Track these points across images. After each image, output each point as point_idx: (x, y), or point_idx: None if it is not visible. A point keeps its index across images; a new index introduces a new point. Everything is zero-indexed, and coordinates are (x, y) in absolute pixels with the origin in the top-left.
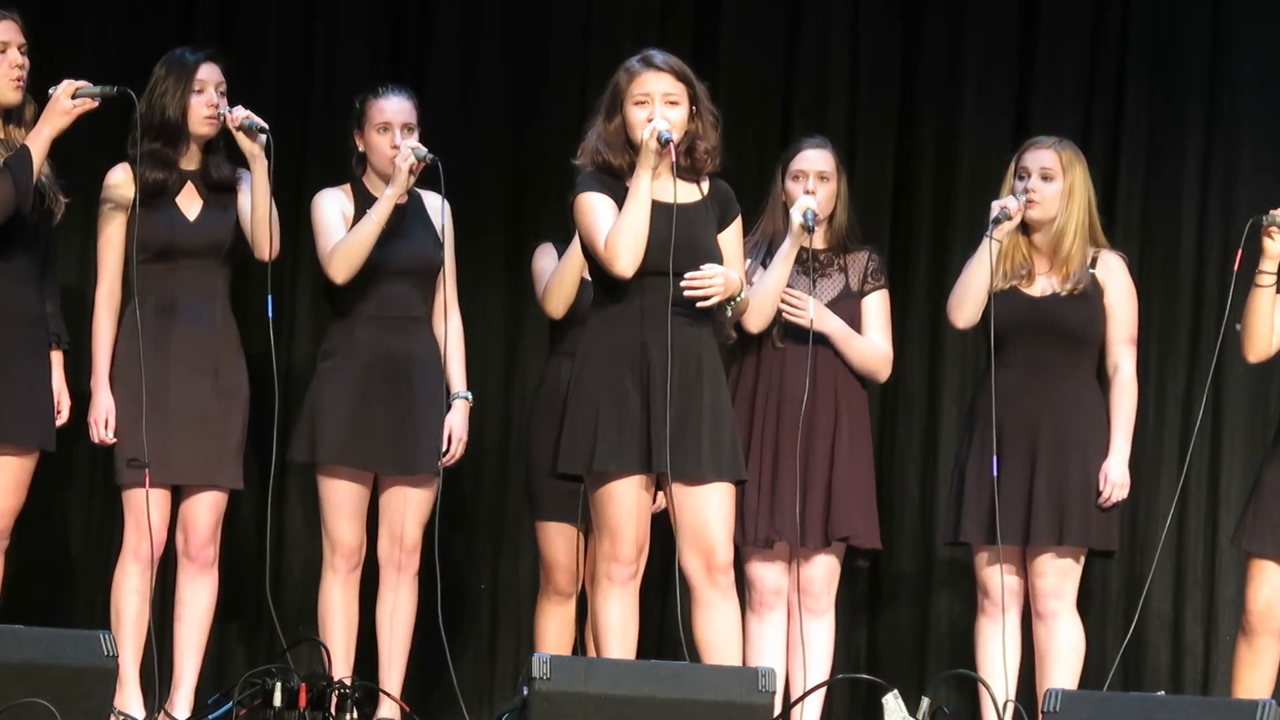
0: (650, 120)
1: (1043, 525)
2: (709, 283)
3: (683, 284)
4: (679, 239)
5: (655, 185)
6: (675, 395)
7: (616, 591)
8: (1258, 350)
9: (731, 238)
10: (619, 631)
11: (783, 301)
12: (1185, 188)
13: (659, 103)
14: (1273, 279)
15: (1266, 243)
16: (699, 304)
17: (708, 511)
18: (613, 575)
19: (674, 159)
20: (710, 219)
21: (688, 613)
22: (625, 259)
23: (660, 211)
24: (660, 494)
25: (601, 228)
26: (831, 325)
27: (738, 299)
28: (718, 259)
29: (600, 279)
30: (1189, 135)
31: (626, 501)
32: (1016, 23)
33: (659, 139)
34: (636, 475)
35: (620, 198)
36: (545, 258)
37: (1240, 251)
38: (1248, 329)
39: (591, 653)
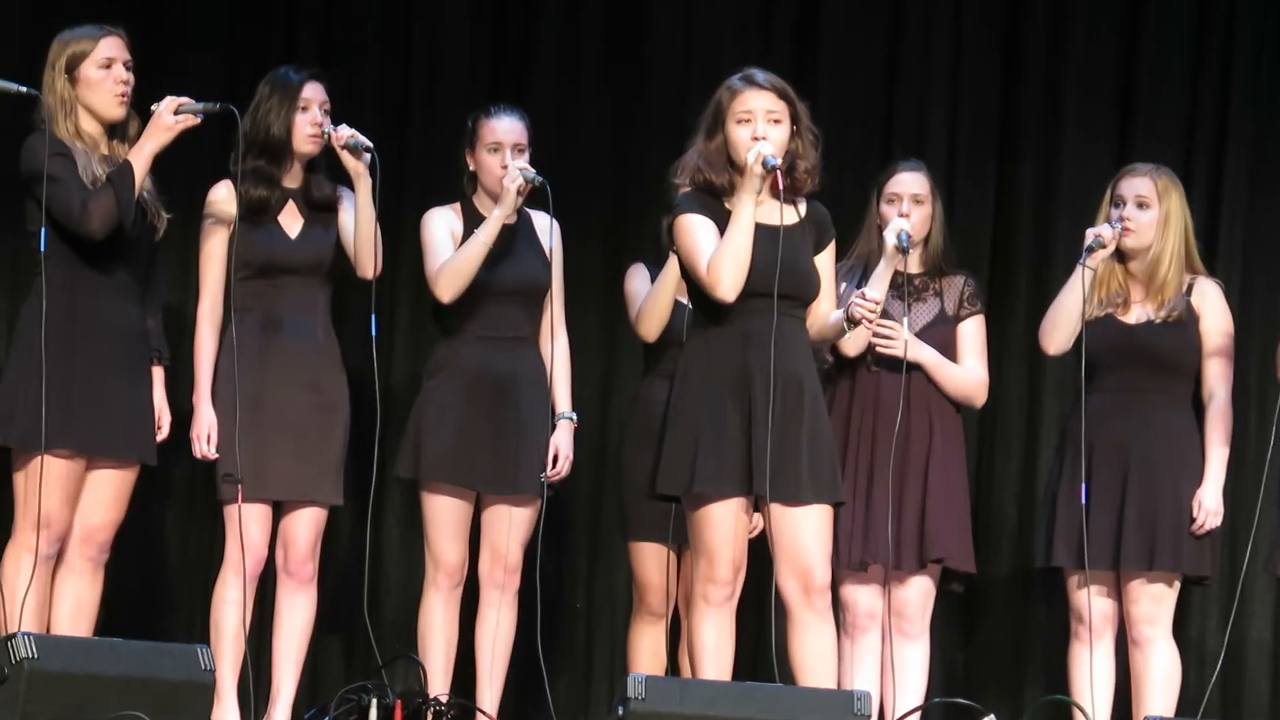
0: (754, 139)
1: (1132, 551)
2: (876, 305)
3: (860, 305)
4: (783, 261)
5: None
6: (776, 417)
7: (712, 613)
8: None
9: (826, 261)
10: (714, 653)
11: (875, 334)
12: None
13: (761, 121)
14: None
15: None
16: (866, 323)
17: (805, 533)
18: (709, 596)
19: (780, 184)
20: (808, 240)
21: (783, 634)
22: (728, 283)
23: (761, 233)
24: (758, 515)
25: (703, 251)
26: (925, 355)
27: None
28: (816, 281)
29: (701, 301)
30: None
31: (724, 523)
32: (1117, 47)
33: (764, 164)
34: (736, 498)
35: (719, 218)
36: (638, 279)
37: None
38: None
39: (685, 673)
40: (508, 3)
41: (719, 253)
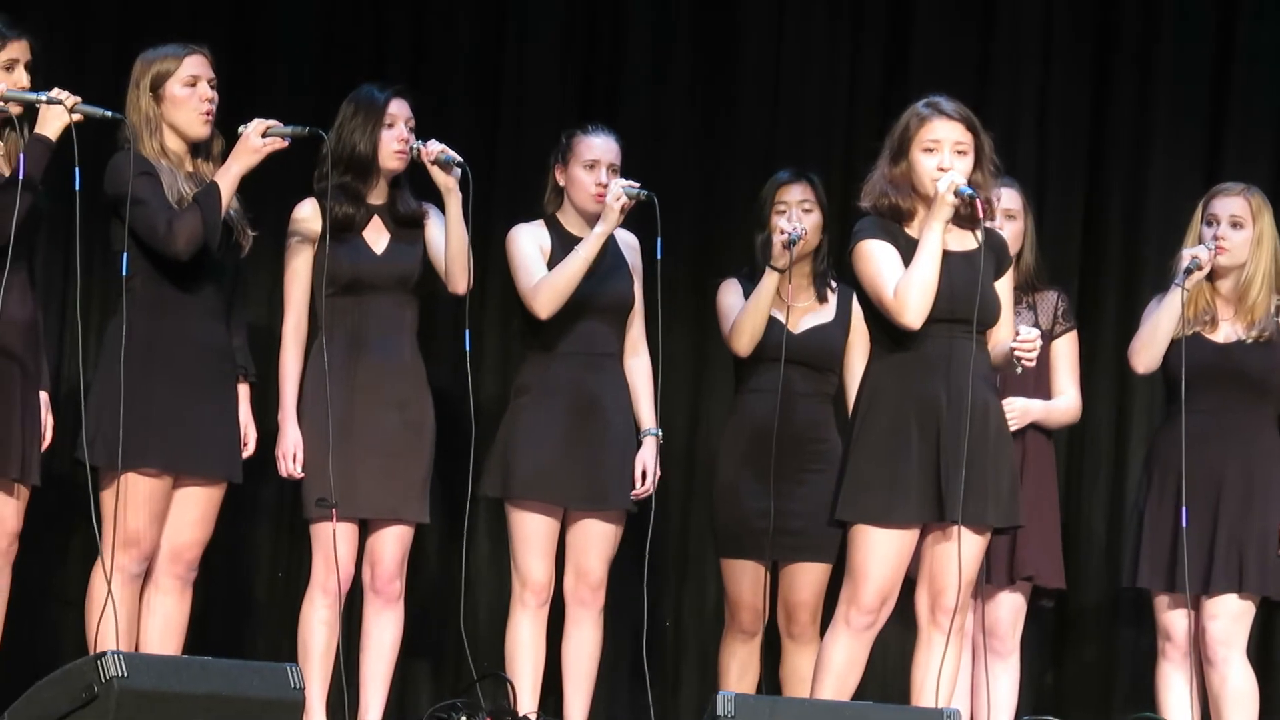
0: (940, 169)
1: (1221, 573)
2: (1035, 346)
3: (1017, 345)
4: (965, 287)
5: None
6: (965, 443)
7: (849, 637)
8: None
9: (1005, 287)
10: (839, 676)
11: None
12: None
13: (948, 151)
14: None
15: None
16: (1025, 365)
17: (959, 554)
18: (850, 620)
19: (981, 215)
20: (990, 267)
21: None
22: (915, 310)
23: (948, 260)
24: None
25: (888, 277)
26: (1036, 412)
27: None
28: (998, 307)
29: (883, 327)
30: None
31: (885, 551)
32: (1208, 66)
33: (957, 193)
34: (905, 530)
35: (901, 243)
36: (731, 294)
37: None
38: None
39: (789, 691)
40: (596, 23)
41: (906, 279)
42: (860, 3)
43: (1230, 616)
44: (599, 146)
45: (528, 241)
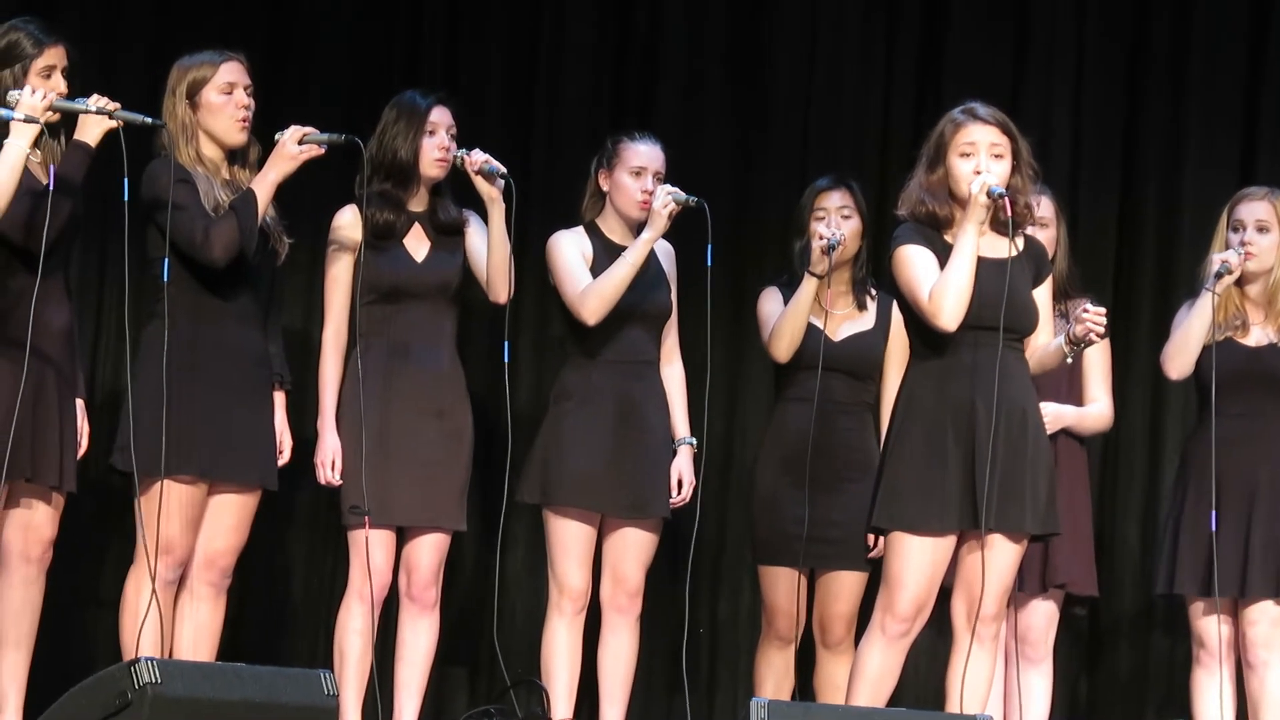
0: (976, 172)
1: (1258, 577)
2: (1103, 315)
3: (1089, 314)
4: (995, 294)
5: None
6: (1001, 451)
7: (883, 644)
8: None
9: (1044, 294)
10: (873, 683)
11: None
12: None
13: (984, 154)
14: None
15: None
16: (1092, 338)
17: (991, 562)
18: (885, 628)
19: (1009, 214)
20: (1027, 274)
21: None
22: (950, 313)
23: (982, 266)
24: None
25: (924, 281)
26: (1069, 418)
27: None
28: (1035, 314)
29: (921, 333)
30: None
31: (919, 559)
32: (1241, 71)
33: (989, 193)
34: (940, 538)
35: (939, 249)
36: (771, 301)
37: None
38: None
39: (823, 700)
40: (630, 32)
41: (941, 282)
42: (893, 10)
43: (1270, 621)
44: (646, 154)
45: (570, 248)
